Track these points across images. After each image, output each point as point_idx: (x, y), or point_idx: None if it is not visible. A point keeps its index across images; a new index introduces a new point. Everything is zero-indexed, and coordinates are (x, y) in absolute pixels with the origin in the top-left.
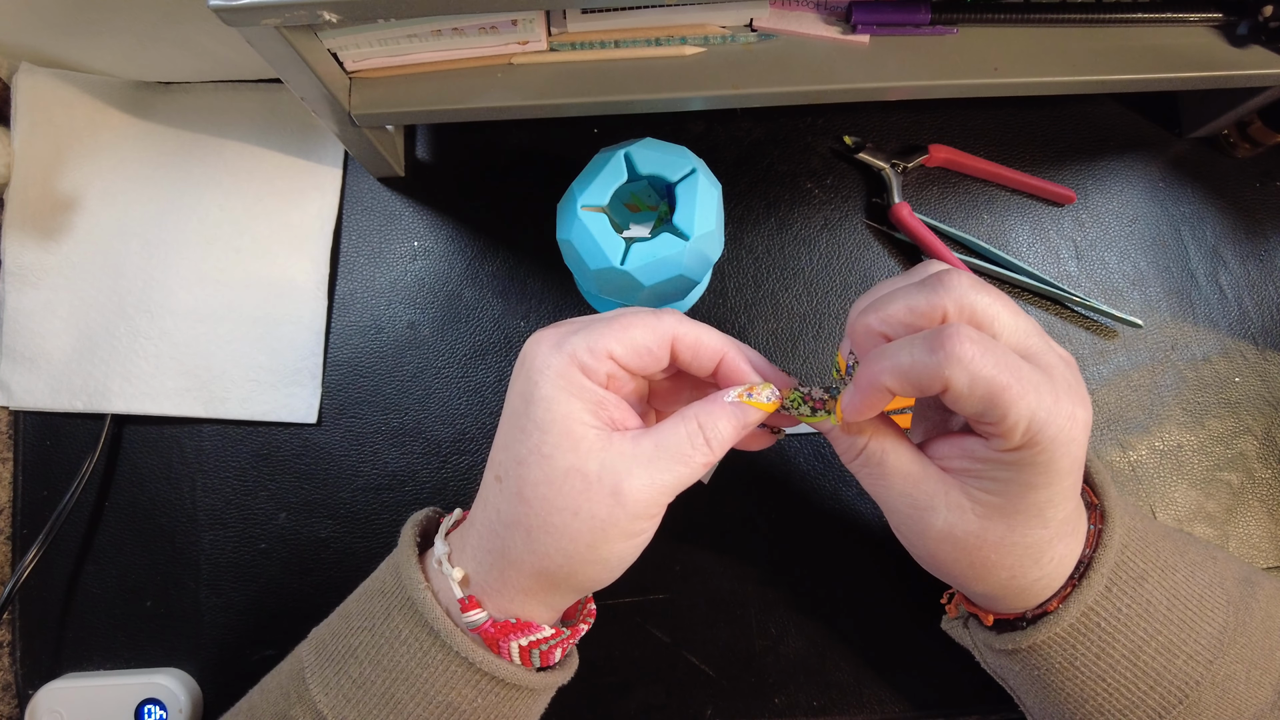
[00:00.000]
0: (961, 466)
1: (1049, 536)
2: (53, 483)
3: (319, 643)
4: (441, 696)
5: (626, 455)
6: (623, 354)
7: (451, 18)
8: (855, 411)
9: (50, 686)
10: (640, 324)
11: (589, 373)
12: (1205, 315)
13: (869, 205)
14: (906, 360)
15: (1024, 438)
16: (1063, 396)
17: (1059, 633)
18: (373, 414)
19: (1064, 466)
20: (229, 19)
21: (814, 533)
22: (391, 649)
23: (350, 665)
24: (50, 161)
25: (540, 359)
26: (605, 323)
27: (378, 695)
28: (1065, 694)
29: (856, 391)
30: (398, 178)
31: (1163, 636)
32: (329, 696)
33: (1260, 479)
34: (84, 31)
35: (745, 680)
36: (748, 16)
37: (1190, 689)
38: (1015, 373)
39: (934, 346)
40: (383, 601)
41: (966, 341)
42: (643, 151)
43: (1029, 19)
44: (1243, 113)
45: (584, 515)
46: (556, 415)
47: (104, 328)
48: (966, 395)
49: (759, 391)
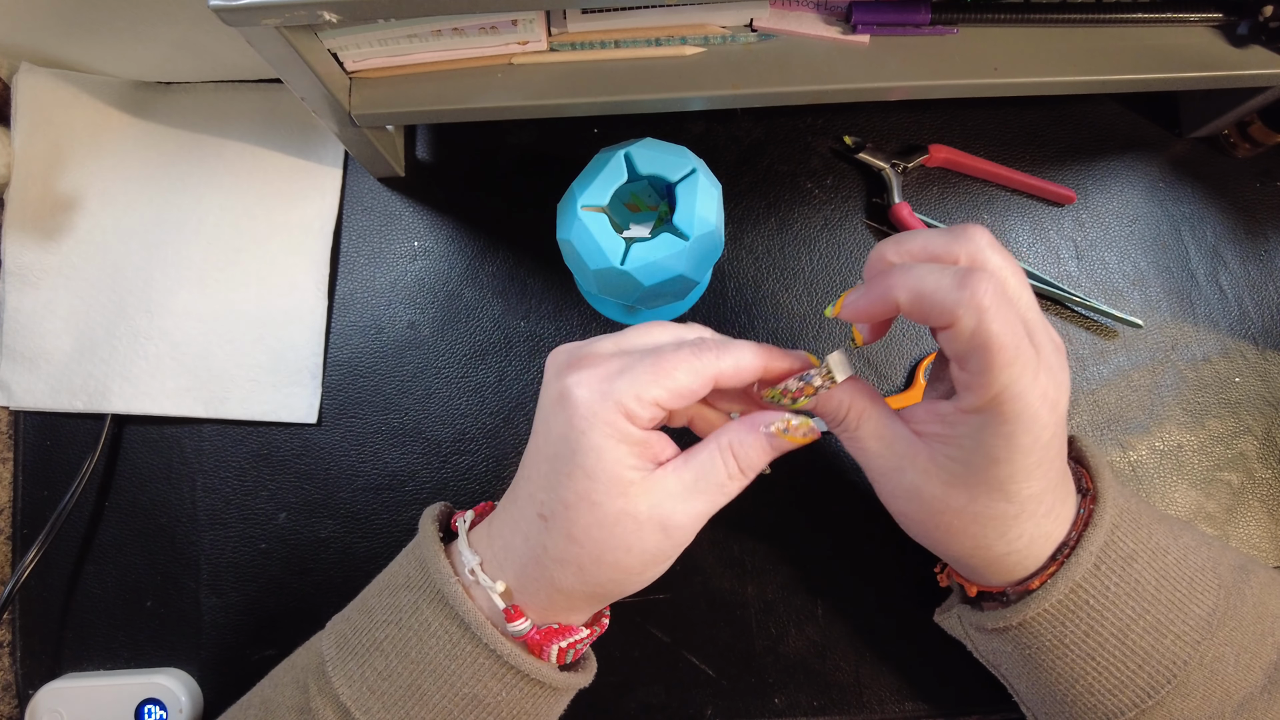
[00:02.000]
0: (933, 430)
1: (1013, 512)
2: (53, 483)
3: (340, 636)
4: (468, 689)
5: (670, 491)
6: (668, 401)
7: (451, 18)
8: (855, 312)
9: (50, 686)
10: (683, 366)
11: (634, 420)
12: (1205, 315)
13: (869, 205)
14: (931, 284)
15: (992, 402)
16: (1043, 377)
17: (1047, 609)
18: (373, 414)
19: (1025, 443)
20: (229, 19)
21: (814, 533)
22: (420, 641)
23: (375, 658)
24: (50, 161)
25: (586, 407)
26: (649, 367)
27: (403, 687)
28: (1056, 674)
29: (866, 294)
30: (398, 178)
31: (1151, 616)
32: (353, 689)
33: (1260, 479)
34: (84, 31)
35: (745, 680)
36: (748, 16)
37: (1179, 669)
38: (1016, 340)
39: (961, 283)
40: (410, 595)
41: (992, 292)
42: (643, 151)
43: (1029, 19)
44: (1243, 113)
45: (636, 551)
46: (606, 464)
47: (104, 328)
48: (965, 339)
49: (795, 427)
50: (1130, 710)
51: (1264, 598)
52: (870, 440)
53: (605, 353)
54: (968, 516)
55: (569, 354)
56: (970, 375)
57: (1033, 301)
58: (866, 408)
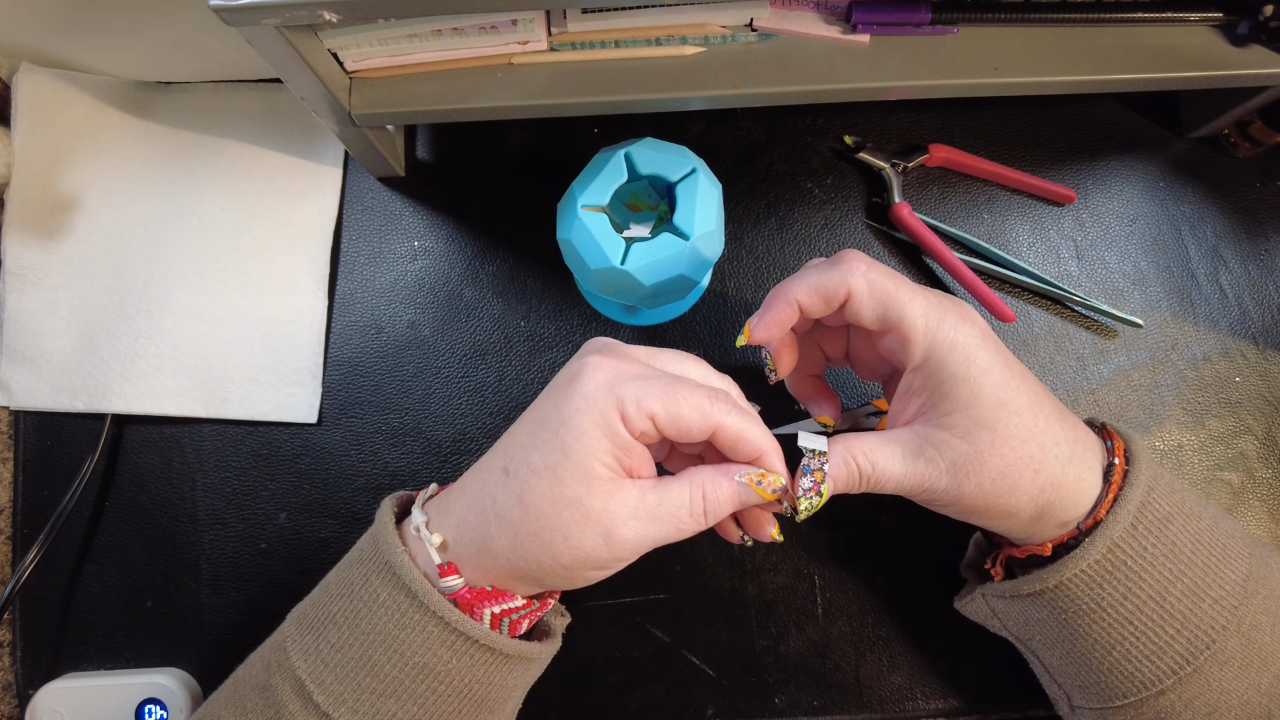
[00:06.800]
0: (914, 410)
1: (1001, 437)
2: (53, 483)
3: (300, 614)
4: (418, 658)
5: (629, 505)
6: (664, 422)
7: (451, 18)
8: (763, 329)
9: (50, 686)
10: (692, 404)
11: (627, 421)
12: (1206, 315)
13: (869, 205)
14: (814, 276)
15: (925, 339)
16: (950, 312)
17: (1085, 569)
18: (373, 414)
19: (964, 370)
20: (229, 19)
21: (814, 533)
22: (370, 612)
23: (329, 631)
24: (50, 161)
25: (591, 390)
26: (663, 385)
27: (355, 658)
28: (1092, 639)
29: (766, 309)
30: (398, 178)
31: (1189, 579)
32: (308, 662)
33: (1260, 479)
34: (84, 31)
35: (745, 680)
36: (748, 16)
37: (1217, 634)
38: (900, 281)
39: (835, 262)
40: (361, 568)
41: (860, 258)
42: (643, 151)
43: (1029, 19)
44: (1243, 112)
45: (572, 543)
46: (583, 448)
47: (104, 328)
48: (865, 298)
49: (769, 481)
50: (1168, 677)
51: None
52: (892, 485)
53: (635, 357)
54: (975, 461)
55: (605, 344)
56: (897, 330)
57: None
58: (863, 451)
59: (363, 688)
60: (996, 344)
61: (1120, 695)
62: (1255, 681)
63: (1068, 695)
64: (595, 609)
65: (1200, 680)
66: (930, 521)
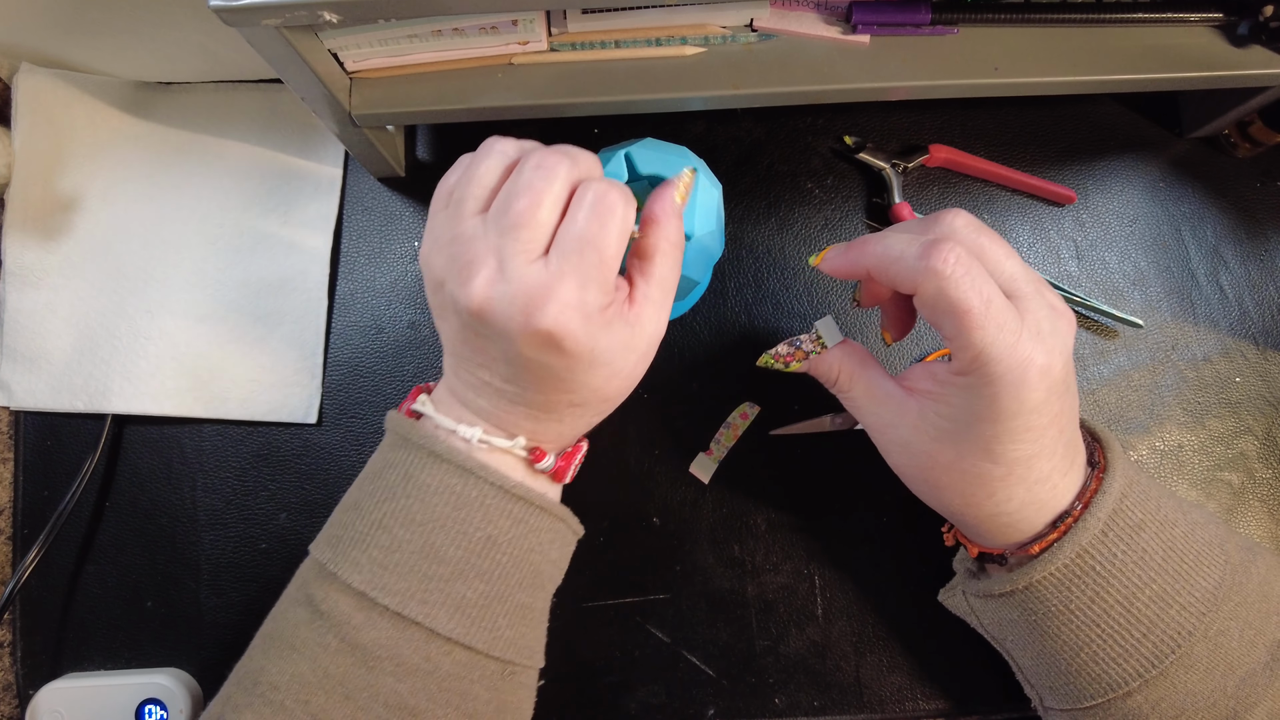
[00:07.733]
0: (925, 388)
1: (1000, 474)
2: (53, 483)
3: (331, 540)
4: (480, 531)
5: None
6: (614, 269)
7: (452, 18)
8: (832, 265)
9: (51, 686)
10: (607, 234)
11: (611, 291)
12: (1206, 315)
13: (869, 205)
14: (895, 252)
15: (972, 364)
16: (1027, 341)
17: (1054, 572)
18: (373, 414)
19: (1009, 406)
20: (229, 19)
21: (813, 533)
22: (422, 504)
23: (379, 536)
24: (50, 161)
25: (583, 335)
26: (590, 259)
27: (417, 550)
28: (1061, 641)
29: (843, 255)
30: (398, 178)
31: (1157, 585)
32: (362, 574)
33: (1261, 479)
34: (84, 31)
35: (745, 680)
36: (748, 16)
37: (1183, 639)
38: (984, 302)
39: (923, 253)
40: (396, 471)
41: (951, 259)
42: (643, 151)
43: (1029, 19)
44: (1243, 112)
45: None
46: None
47: (104, 328)
48: (930, 306)
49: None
50: (1134, 680)
51: (1270, 578)
52: (863, 399)
53: (520, 252)
54: (955, 473)
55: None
56: (950, 340)
57: (1024, 273)
58: (856, 370)
59: (429, 576)
60: (1056, 378)
61: (1088, 696)
62: (1221, 684)
63: (1039, 696)
64: (595, 609)
65: (1166, 683)
66: (930, 522)
